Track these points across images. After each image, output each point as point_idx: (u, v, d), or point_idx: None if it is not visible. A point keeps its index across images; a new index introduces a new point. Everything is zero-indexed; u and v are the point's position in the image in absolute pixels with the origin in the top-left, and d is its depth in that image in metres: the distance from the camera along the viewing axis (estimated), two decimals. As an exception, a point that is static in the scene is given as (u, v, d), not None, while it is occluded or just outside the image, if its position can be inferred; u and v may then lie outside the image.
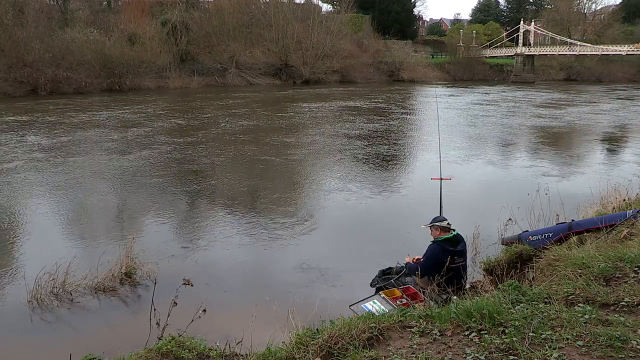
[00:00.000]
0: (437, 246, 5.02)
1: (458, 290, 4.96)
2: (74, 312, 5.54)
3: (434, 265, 4.89)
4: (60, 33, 34.35)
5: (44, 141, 15.81)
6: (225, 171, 12.64)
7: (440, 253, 4.92)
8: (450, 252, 4.93)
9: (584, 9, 68.72)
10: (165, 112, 24.14)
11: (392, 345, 2.91)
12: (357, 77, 47.30)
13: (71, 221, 8.63)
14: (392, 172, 13.04)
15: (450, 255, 4.90)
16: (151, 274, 6.16)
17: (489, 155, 15.00)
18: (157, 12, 41.73)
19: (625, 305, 3.21)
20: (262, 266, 6.80)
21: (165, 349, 3.08)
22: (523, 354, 2.62)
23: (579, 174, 12.67)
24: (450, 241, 5.03)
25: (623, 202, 6.87)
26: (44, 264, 5.91)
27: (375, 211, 9.29)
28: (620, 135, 19.97)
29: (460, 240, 5.10)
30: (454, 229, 5.13)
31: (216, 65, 40.99)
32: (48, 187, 10.79)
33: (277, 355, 2.96)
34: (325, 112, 25.28)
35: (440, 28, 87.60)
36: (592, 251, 4.33)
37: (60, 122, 19.90)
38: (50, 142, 15.71)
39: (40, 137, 16.46)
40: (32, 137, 16.54)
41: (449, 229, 5.07)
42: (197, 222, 8.84)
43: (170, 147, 15.18)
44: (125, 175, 11.78)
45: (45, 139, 16.13)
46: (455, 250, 4.98)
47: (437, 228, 5.09)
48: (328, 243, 7.68)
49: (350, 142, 16.41)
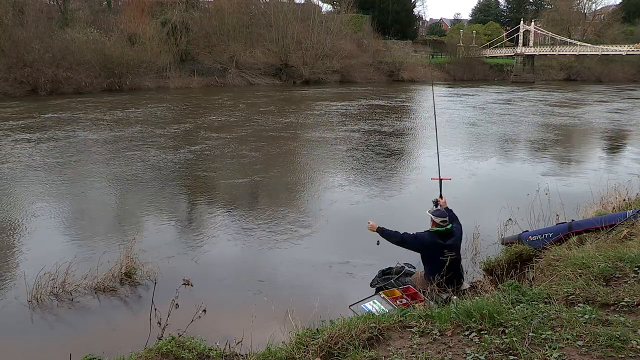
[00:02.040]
0: (427, 235, 5.16)
1: (456, 283, 5.03)
2: (74, 312, 5.54)
3: (414, 244, 5.14)
4: (60, 33, 34.32)
5: (41, 144, 15.81)
6: (227, 173, 12.63)
7: (427, 243, 5.06)
8: (439, 245, 5.03)
9: (584, 9, 68.73)
10: (164, 113, 24.15)
11: (392, 345, 2.91)
12: (357, 77, 47.29)
13: (71, 221, 8.63)
14: (393, 172, 13.03)
15: (439, 249, 5.00)
16: (151, 274, 6.16)
17: (489, 155, 15.01)
18: (157, 12, 41.71)
19: (625, 305, 3.21)
20: (262, 266, 6.80)
21: (165, 349, 3.09)
22: (523, 354, 2.62)
23: (579, 173, 12.67)
24: (440, 234, 5.11)
25: (623, 202, 6.87)
26: (44, 264, 5.91)
27: (375, 211, 9.28)
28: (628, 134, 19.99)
29: (453, 234, 5.15)
30: (449, 225, 5.19)
31: (216, 65, 40.98)
32: (48, 187, 10.79)
33: (277, 355, 2.96)
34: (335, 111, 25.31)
35: (440, 28, 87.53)
36: (592, 251, 4.34)
37: (58, 122, 19.92)
38: (49, 141, 15.72)
39: (26, 137, 16.47)
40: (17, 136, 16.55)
41: (442, 226, 5.15)
42: (197, 222, 8.85)
43: (171, 147, 15.18)
44: (125, 176, 11.77)
45: (45, 139, 16.14)
46: (443, 243, 5.05)
47: (432, 221, 5.22)
48: (328, 243, 7.68)
49: (349, 141, 16.40)
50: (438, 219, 5.15)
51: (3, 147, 14.70)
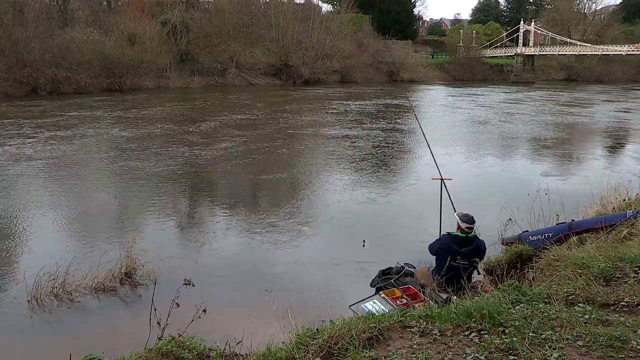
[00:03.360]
0: (446, 237, 5.13)
1: (457, 290, 4.98)
2: (74, 312, 5.54)
3: (436, 248, 5.13)
4: (60, 33, 34.30)
5: (38, 145, 15.81)
6: (226, 172, 12.63)
7: (445, 247, 5.02)
8: (452, 250, 4.96)
9: (584, 9, 68.67)
10: (164, 114, 24.14)
11: (392, 345, 2.91)
12: (357, 77, 47.28)
13: (71, 221, 8.62)
14: (393, 172, 13.04)
15: (451, 254, 4.92)
16: (151, 274, 6.16)
17: (489, 155, 15.00)
18: (157, 12, 41.70)
19: (625, 305, 3.21)
20: (263, 266, 6.80)
21: (165, 349, 3.08)
22: (523, 354, 2.62)
23: (579, 174, 12.67)
24: (458, 239, 5.03)
25: (623, 202, 6.87)
26: (44, 264, 5.91)
27: (375, 211, 9.29)
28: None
29: (470, 243, 5.03)
30: (472, 234, 5.08)
31: (216, 65, 40.96)
32: (48, 187, 10.79)
33: (277, 355, 2.95)
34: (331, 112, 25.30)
35: (440, 28, 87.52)
36: (592, 251, 4.34)
37: (50, 123, 19.91)
38: (49, 142, 15.71)
39: (20, 143, 16.47)
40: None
41: (465, 232, 5.05)
42: (197, 222, 8.85)
43: (172, 147, 15.18)
44: (125, 176, 11.77)
45: (44, 138, 16.13)
46: (457, 250, 4.97)
47: (458, 225, 5.12)
48: (328, 243, 7.68)
49: (349, 142, 16.40)
50: (463, 225, 5.02)
51: (20, 146, 14.69)
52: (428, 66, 55.21)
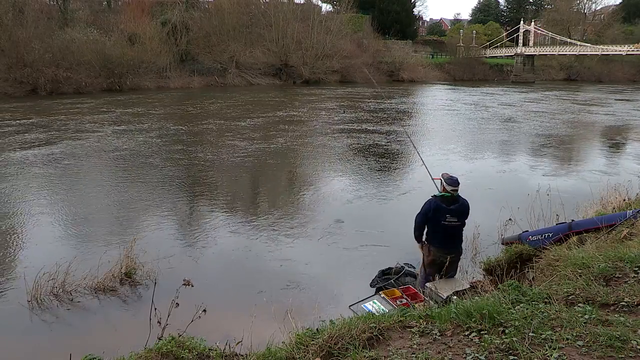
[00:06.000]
0: (432, 200, 5.12)
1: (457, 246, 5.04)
2: (74, 312, 5.54)
3: (423, 216, 5.10)
4: (60, 33, 34.26)
5: (38, 145, 15.81)
6: (226, 172, 12.63)
7: (433, 207, 5.02)
8: (441, 208, 5.00)
9: (584, 9, 68.71)
10: (163, 114, 24.14)
11: (392, 345, 2.91)
12: (357, 77, 47.24)
13: (71, 221, 8.62)
14: (393, 172, 13.04)
15: (442, 212, 4.97)
16: (151, 274, 6.16)
17: (489, 156, 15.00)
18: (157, 12, 41.66)
19: (625, 305, 3.21)
20: (263, 266, 6.80)
21: (165, 349, 3.08)
22: (523, 354, 2.62)
23: (579, 174, 12.67)
24: (446, 199, 5.06)
25: (623, 202, 6.88)
26: (44, 264, 5.91)
27: (375, 211, 9.29)
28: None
29: (458, 200, 5.09)
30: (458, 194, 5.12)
31: (216, 65, 40.95)
32: (48, 187, 10.78)
33: (277, 355, 2.95)
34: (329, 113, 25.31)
35: (440, 28, 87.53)
36: (592, 251, 4.34)
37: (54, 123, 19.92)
38: (49, 142, 15.71)
39: (18, 138, 16.47)
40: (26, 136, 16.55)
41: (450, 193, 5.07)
42: (198, 222, 8.84)
43: (172, 147, 15.18)
44: (125, 176, 11.77)
45: (44, 138, 16.13)
46: (447, 208, 5.01)
47: (443, 186, 5.14)
48: (328, 243, 7.68)
49: (348, 142, 16.41)
50: (449, 187, 5.07)
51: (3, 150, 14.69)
52: (428, 66, 55.17)
